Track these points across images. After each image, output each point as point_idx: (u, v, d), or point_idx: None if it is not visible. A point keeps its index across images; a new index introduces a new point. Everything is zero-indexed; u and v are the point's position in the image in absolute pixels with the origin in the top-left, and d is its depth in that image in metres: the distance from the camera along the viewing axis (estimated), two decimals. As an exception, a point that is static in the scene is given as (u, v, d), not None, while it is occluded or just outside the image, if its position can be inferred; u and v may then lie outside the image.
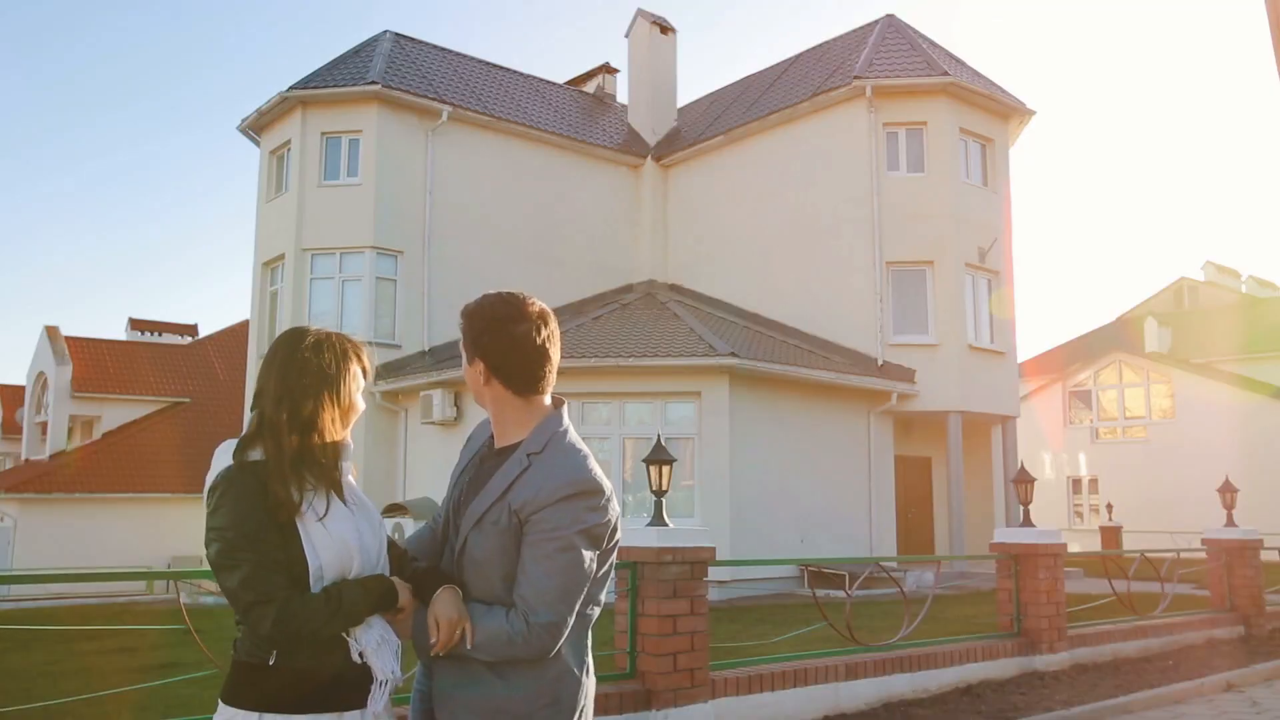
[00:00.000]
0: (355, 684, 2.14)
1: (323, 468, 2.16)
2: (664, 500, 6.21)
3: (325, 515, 2.14)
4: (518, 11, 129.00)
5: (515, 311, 2.31)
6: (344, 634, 2.14)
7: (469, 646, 2.17)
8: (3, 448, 34.10)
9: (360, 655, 2.13)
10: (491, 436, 2.43)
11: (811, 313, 20.19)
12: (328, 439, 2.19)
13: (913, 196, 19.40)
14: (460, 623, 2.17)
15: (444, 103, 20.51)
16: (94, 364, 29.44)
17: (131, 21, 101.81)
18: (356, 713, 2.13)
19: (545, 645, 2.18)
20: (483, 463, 2.40)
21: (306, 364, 2.18)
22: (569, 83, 27.44)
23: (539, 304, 2.36)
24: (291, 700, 2.09)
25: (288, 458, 2.12)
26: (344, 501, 2.21)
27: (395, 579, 2.23)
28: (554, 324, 2.37)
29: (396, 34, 22.61)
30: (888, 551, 18.04)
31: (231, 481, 2.12)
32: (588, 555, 2.21)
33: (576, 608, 2.22)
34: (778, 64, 25.12)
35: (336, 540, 2.14)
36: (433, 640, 2.17)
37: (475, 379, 2.35)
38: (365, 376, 2.34)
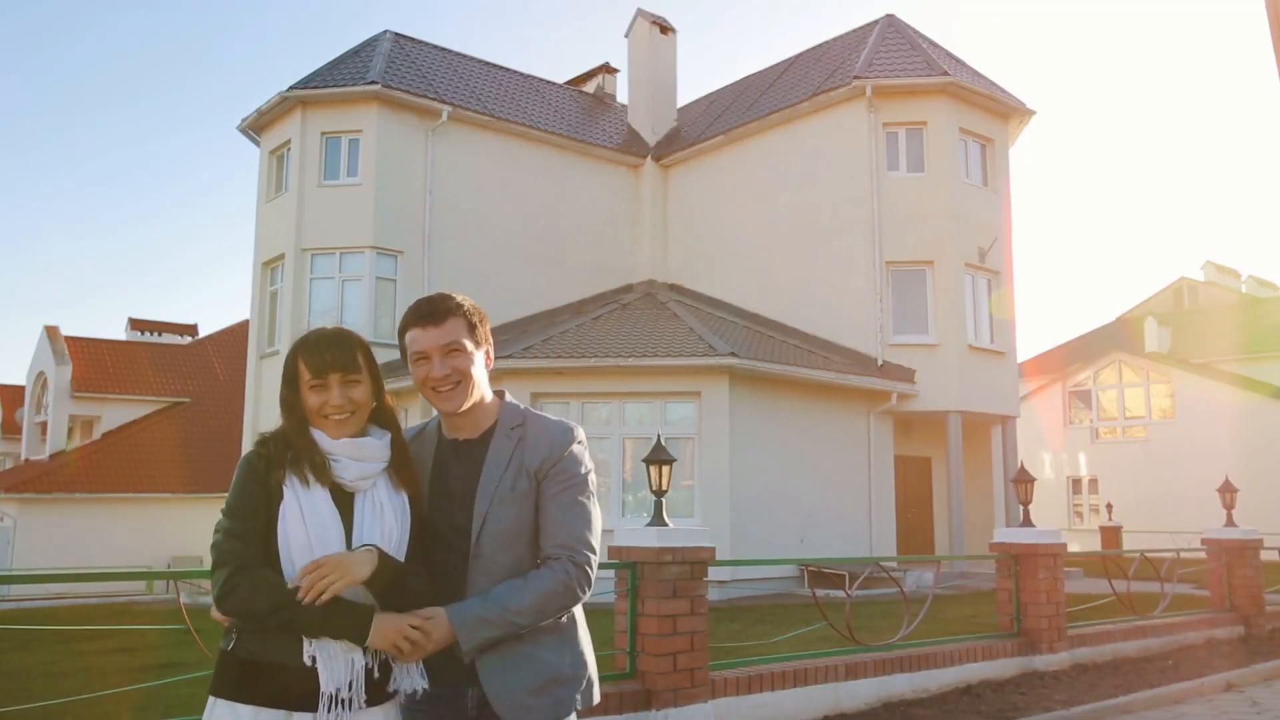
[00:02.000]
0: (307, 686, 2.13)
1: (303, 459, 2.25)
2: (664, 500, 6.20)
3: (304, 504, 2.20)
4: (518, 11, 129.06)
5: None
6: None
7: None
8: (3, 448, 34.10)
9: (312, 659, 2.14)
10: (440, 436, 2.51)
11: (811, 313, 20.18)
12: (295, 438, 2.28)
13: (913, 196, 19.39)
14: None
15: (444, 103, 20.51)
16: (94, 364, 29.43)
17: (131, 21, 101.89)
18: (309, 715, 2.13)
19: (590, 583, 2.38)
20: (459, 456, 2.46)
21: (283, 371, 2.37)
22: (569, 83, 27.43)
23: None
24: (239, 688, 2.14)
25: (277, 434, 2.32)
26: (335, 500, 2.24)
27: (389, 617, 2.19)
28: None
29: (396, 34, 22.60)
30: (888, 551, 18.04)
31: (243, 460, 2.30)
32: (595, 498, 2.47)
33: None
34: (778, 64, 25.12)
35: (313, 534, 2.19)
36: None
37: (480, 367, 2.46)
38: (307, 374, 2.29)
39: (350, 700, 2.14)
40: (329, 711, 2.12)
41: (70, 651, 10.02)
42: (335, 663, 2.14)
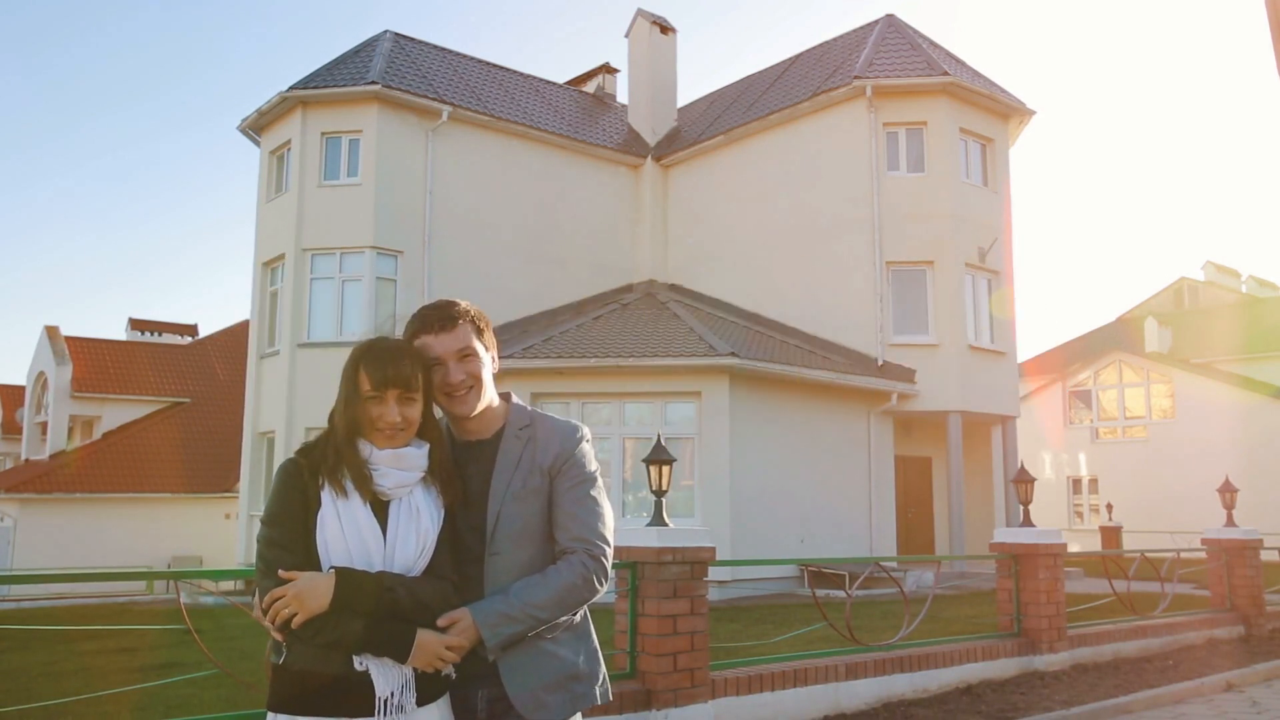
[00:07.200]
0: (360, 692, 2.16)
1: (344, 467, 2.26)
2: (664, 500, 6.21)
3: (341, 511, 2.23)
4: (518, 11, 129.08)
5: None
6: None
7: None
8: (3, 448, 34.11)
9: (363, 665, 2.18)
10: (451, 440, 2.50)
11: (811, 313, 20.18)
12: (341, 446, 2.29)
13: (913, 196, 19.39)
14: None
15: (444, 103, 20.50)
16: (94, 364, 29.43)
17: (131, 21, 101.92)
18: None
19: (607, 575, 2.41)
20: (472, 457, 2.46)
21: (342, 375, 2.35)
22: (569, 83, 27.43)
23: None
24: (295, 701, 2.17)
25: (320, 445, 2.34)
26: (373, 510, 2.26)
27: (428, 637, 2.21)
28: None
29: (396, 34, 22.59)
30: (888, 551, 18.04)
31: (281, 467, 2.32)
32: (605, 493, 2.51)
33: None
34: (778, 64, 25.12)
35: (351, 541, 2.22)
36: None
37: (489, 369, 2.49)
38: (367, 386, 2.28)
39: (403, 704, 2.18)
40: (385, 716, 2.16)
41: (70, 651, 10.02)
42: (387, 669, 2.18)
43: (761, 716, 6.28)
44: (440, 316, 2.41)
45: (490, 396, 2.47)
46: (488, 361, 2.46)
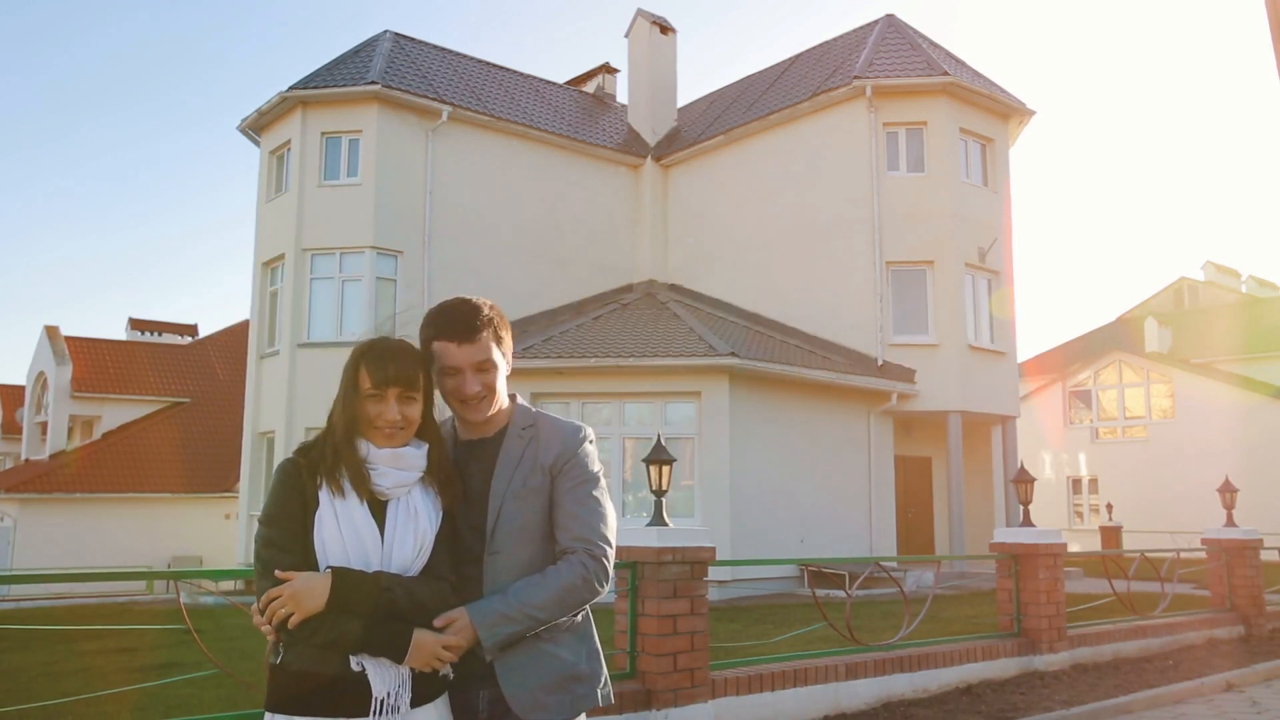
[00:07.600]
0: (356, 692, 2.15)
1: (342, 466, 2.25)
2: (664, 500, 6.21)
3: (339, 511, 2.21)
4: (518, 11, 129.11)
5: None
6: None
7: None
8: (3, 448, 34.11)
9: (360, 667, 2.16)
10: (455, 438, 2.50)
11: (811, 313, 20.18)
12: (340, 445, 2.27)
13: (913, 196, 19.38)
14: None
15: (444, 103, 20.49)
16: (94, 364, 29.43)
17: (131, 21, 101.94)
18: None
19: (607, 576, 2.38)
20: (474, 456, 2.46)
21: (343, 373, 2.34)
22: (569, 83, 27.43)
23: None
24: (292, 701, 2.16)
25: (319, 444, 2.32)
26: (371, 509, 2.24)
27: (425, 638, 2.19)
28: None
29: (396, 34, 22.60)
30: (888, 551, 18.04)
31: (279, 467, 2.31)
32: (608, 494, 2.49)
33: None
34: (778, 64, 25.12)
35: (349, 541, 2.21)
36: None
37: (504, 376, 2.47)
38: (367, 384, 2.27)
39: (399, 705, 2.17)
40: (381, 716, 2.15)
41: (70, 651, 10.02)
42: (383, 669, 2.17)
43: (761, 716, 6.28)
44: (464, 327, 2.37)
45: (502, 401, 2.46)
46: (504, 368, 2.44)
